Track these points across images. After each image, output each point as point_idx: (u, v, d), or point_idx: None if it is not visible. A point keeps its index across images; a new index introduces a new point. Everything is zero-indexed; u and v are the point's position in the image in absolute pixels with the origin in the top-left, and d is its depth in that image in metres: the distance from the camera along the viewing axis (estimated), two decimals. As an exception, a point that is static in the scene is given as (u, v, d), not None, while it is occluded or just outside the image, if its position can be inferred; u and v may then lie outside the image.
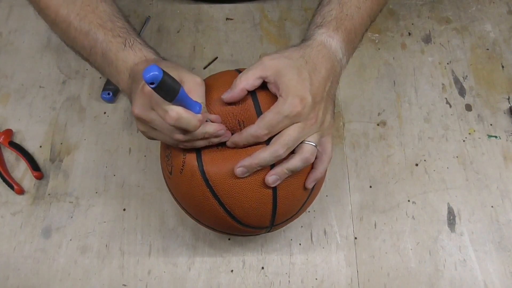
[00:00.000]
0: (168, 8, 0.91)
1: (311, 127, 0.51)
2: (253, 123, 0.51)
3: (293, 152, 0.51)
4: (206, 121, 0.49)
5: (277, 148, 0.49)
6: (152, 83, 0.41)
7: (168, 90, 0.44)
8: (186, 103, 0.47)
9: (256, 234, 0.59)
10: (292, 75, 0.50)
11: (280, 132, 0.50)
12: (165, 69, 0.43)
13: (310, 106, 0.50)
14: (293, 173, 0.52)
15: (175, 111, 0.46)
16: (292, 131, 0.50)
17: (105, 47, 0.56)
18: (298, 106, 0.49)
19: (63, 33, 0.60)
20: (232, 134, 0.52)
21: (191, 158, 0.52)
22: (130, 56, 0.55)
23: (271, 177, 0.51)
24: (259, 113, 0.52)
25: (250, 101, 0.53)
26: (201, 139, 0.50)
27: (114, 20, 0.57)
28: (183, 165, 0.52)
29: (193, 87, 0.49)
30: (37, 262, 0.68)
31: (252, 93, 0.52)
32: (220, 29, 0.88)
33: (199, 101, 0.49)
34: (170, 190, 0.59)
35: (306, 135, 0.51)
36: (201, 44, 0.87)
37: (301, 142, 0.51)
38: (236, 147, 0.52)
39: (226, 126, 0.52)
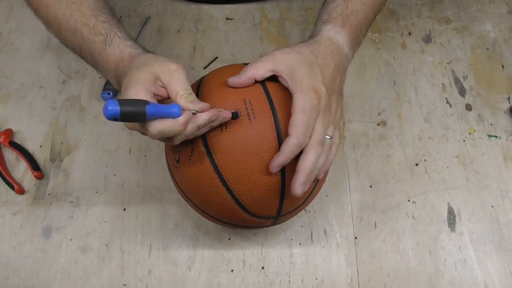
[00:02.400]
0: (168, 8, 0.91)
1: (328, 118, 0.52)
2: (262, 104, 0.51)
3: None
4: (194, 113, 0.47)
5: (316, 149, 0.50)
6: (115, 119, 0.41)
7: (135, 116, 0.43)
8: (161, 113, 0.45)
9: (261, 226, 0.59)
10: (304, 70, 0.51)
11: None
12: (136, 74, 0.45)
13: (326, 97, 0.51)
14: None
15: (153, 127, 0.45)
16: (320, 126, 0.50)
17: (91, 47, 0.56)
18: (316, 98, 0.50)
19: (56, 33, 0.60)
20: (236, 112, 0.50)
21: (200, 145, 0.52)
22: (110, 55, 0.55)
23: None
24: (268, 97, 0.52)
25: (259, 86, 0.53)
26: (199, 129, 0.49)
27: (98, 15, 0.57)
28: (191, 152, 0.52)
29: (170, 78, 0.48)
30: (37, 262, 0.68)
31: (261, 82, 0.53)
32: (220, 29, 0.88)
33: (182, 89, 0.48)
34: (175, 181, 0.58)
35: (326, 127, 0.52)
36: (201, 44, 0.87)
37: None
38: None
39: (229, 105, 0.51)
